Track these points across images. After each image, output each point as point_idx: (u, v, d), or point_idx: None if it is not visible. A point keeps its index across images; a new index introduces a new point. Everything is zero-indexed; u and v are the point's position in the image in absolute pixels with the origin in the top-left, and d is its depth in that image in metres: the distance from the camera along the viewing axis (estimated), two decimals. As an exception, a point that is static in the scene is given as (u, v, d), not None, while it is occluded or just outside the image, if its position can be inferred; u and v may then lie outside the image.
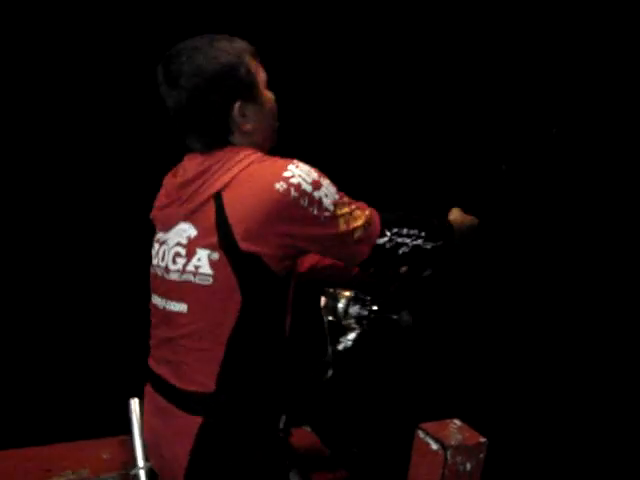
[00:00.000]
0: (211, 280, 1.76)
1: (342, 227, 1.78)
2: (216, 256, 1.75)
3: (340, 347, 2.05)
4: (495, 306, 3.69)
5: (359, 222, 1.81)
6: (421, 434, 1.80)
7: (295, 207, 1.71)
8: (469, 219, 2.18)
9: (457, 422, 1.84)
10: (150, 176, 3.37)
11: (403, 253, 1.89)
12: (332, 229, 1.78)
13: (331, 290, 2.10)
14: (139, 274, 3.31)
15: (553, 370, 3.60)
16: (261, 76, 1.90)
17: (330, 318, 2.09)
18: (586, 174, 3.64)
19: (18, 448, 2.50)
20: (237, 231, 1.71)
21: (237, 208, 1.72)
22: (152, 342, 1.98)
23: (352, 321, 2.09)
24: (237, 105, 1.83)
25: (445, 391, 3.34)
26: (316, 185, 1.74)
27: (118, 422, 2.52)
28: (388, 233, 1.87)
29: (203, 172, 1.79)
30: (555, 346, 3.65)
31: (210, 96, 1.80)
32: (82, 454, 2.49)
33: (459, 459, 1.76)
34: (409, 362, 3.34)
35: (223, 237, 1.73)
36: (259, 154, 1.82)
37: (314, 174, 1.75)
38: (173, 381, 1.86)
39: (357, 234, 1.81)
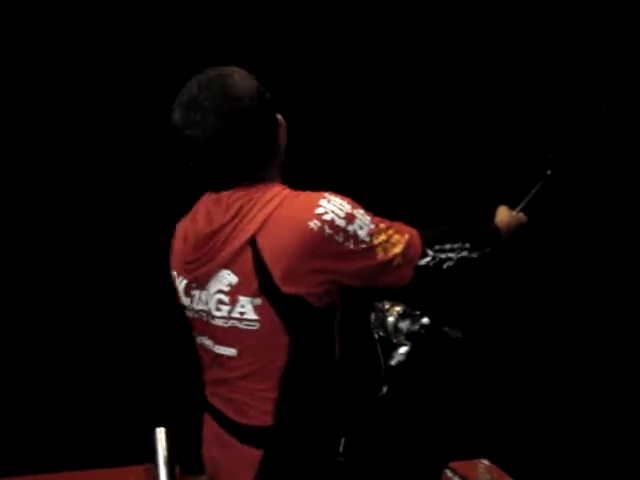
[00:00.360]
0: (257, 325, 1.76)
1: (380, 256, 1.75)
2: (259, 302, 1.74)
3: (393, 362, 2.01)
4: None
5: (398, 248, 1.77)
6: (449, 473, 1.78)
7: (331, 244, 1.69)
8: (517, 217, 2.16)
9: (485, 462, 1.82)
10: (151, 178, 3.41)
11: (448, 267, 1.88)
12: (370, 260, 1.75)
13: (380, 305, 2.07)
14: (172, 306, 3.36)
15: (586, 413, 3.54)
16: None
17: (380, 334, 2.06)
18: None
19: (43, 473, 2.49)
20: (276, 275, 1.70)
21: (273, 251, 1.69)
22: (207, 379, 1.98)
23: (402, 337, 2.06)
24: (281, 133, 1.83)
25: (473, 428, 3.29)
26: (349, 218, 1.70)
27: (143, 451, 2.52)
28: (430, 252, 1.84)
29: (234, 216, 1.72)
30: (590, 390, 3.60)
31: (259, 116, 1.74)
32: (106, 483, 2.48)
33: (487, 500, 1.73)
34: (457, 380, 3.28)
35: (263, 282, 1.72)
36: (289, 190, 1.79)
37: (346, 207, 1.72)
38: (232, 415, 1.87)
39: (396, 261, 1.78)
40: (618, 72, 3.39)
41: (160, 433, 2.50)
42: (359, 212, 1.74)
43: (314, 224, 1.68)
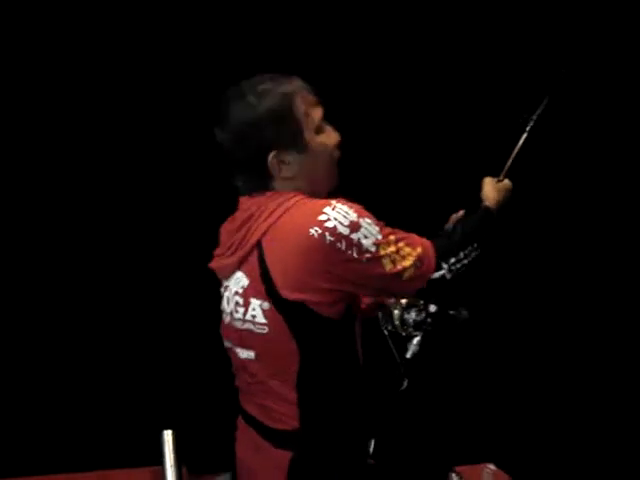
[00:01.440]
0: (266, 329, 1.75)
1: (388, 267, 1.70)
2: (267, 306, 1.73)
3: (408, 355, 2.00)
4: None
5: (408, 261, 1.72)
6: (455, 478, 1.78)
7: (332, 251, 1.65)
8: (503, 187, 2.09)
9: (491, 467, 1.82)
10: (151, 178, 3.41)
11: (462, 272, 1.83)
12: (376, 270, 1.69)
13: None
14: (179, 307, 3.35)
15: (593, 420, 3.53)
16: (311, 119, 1.82)
17: (390, 329, 2.06)
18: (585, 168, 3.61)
19: (49, 474, 2.50)
20: (277, 280, 1.69)
21: (275, 256, 1.69)
22: (238, 385, 1.95)
23: (411, 329, 2.05)
24: (272, 155, 1.76)
25: (479, 432, 3.28)
26: (354, 227, 1.66)
27: (150, 453, 2.53)
28: (445, 265, 1.80)
29: (248, 219, 1.75)
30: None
31: (246, 143, 1.76)
32: (113, 484, 2.49)
33: (493, 504, 1.73)
34: (463, 383, 3.27)
35: (268, 287, 1.72)
36: (300, 197, 1.76)
37: (352, 215, 1.68)
38: (263, 420, 1.85)
39: (407, 273, 1.72)
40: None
41: (167, 435, 2.52)
42: (366, 221, 1.70)
43: (315, 231, 1.65)
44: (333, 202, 1.70)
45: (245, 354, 1.82)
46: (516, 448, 3.11)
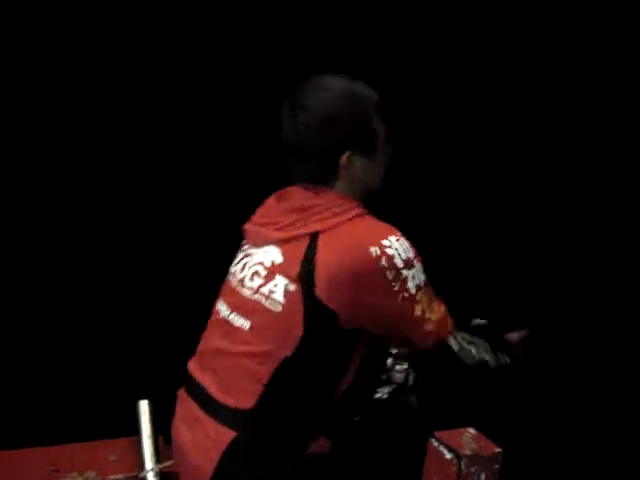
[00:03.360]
0: (280, 308, 1.76)
1: (417, 312, 1.77)
2: (292, 288, 1.74)
3: (375, 397, 2.01)
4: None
5: (434, 316, 1.81)
6: (435, 443, 1.78)
7: (379, 276, 1.70)
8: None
9: (472, 431, 1.82)
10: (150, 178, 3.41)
11: (469, 365, 1.90)
12: (407, 310, 1.76)
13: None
14: (157, 274, 3.34)
15: (571, 378, 3.55)
16: (381, 131, 1.87)
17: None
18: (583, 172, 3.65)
19: (25, 448, 2.46)
20: (318, 274, 1.71)
21: (328, 254, 1.71)
22: (201, 347, 1.96)
23: (397, 376, 2.05)
24: (346, 155, 1.80)
25: (459, 399, 3.29)
26: (408, 264, 1.73)
27: (126, 423, 2.50)
28: (457, 337, 1.89)
29: (308, 208, 1.78)
30: (573, 352, 3.60)
31: (327, 135, 1.79)
32: (89, 455, 2.44)
33: (473, 469, 1.75)
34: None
35: (304, 273, 1.72)
36: (363, 209, 1.82)
37: (411, 253, 1.74)
38: (213, 391, 1.85)
39: (429, 326, 1.81)
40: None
41: (143, 405, 2.50)
42: (418, 265, 1.76)
43: (374, 250, 1.69)
44: (398, 233, 1.76)
45: (240, 322, 1.82)
46: (497, 413, 3.11)
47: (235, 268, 1.90)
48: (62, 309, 3.22)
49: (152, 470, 2.37)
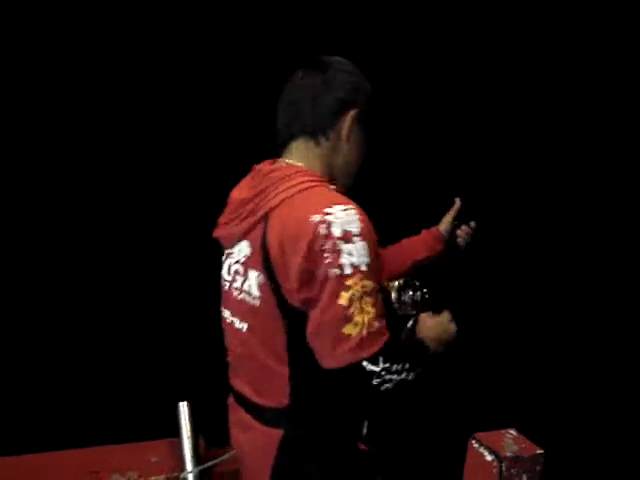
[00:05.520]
0: (259, 302, 1.73)
1: (342, 301, 1.56)
2: (262, 279, 1.70)
3: (403, 336, 1.94)
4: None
5: (363, 317, 1.57)
6: (475, 444, 1.76)
7: (313, 244, 1.57)
8: (444, 329, 1.85)
9: (513, 432, 1.80)
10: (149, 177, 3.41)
11: (386, 389, 1.63)
12: (330, 292, 1.57)
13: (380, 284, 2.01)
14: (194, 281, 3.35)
15: (612, 380, 3.51)
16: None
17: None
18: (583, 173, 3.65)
19: (67, 449, 2.49)
20: (272, 256, 1.66)
21: (275, 231, 1.65)
22: (229, 357, 1.97)
23: (409, 308, 2.01)
24: (354, 111, 1.77)
25: (501, 399, 3.27)
26: (346, 237, 1.56)
27: (167, 424, 2.52)
28: (380, 365, 1.60)
29: (261, 191, 1.72)
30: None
31: (339, 86, 1.75)
32: (130, 456, 2.47)
33: (514, 471, 1.72)
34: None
35: (265, 259, 1.66)
36: (323, 185, 1.71)
37: (354, 228, 1.58)
38: (250, 396, 1.86)
39: (350, 328, 1.57)
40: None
41: (183, 407, 2.52)
42: (361, 243, 1.58)
43: (314, 218, 1.58)
44: (351, 205, 1.63)
45: (240, 324, 1.81)
46: (538, 414, 3.09)
47: (223, 272, 1.88)
48: (104, 314, 3.26)
49: (192, 472, 2.39)
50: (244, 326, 1.80)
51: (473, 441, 1.78)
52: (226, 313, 1.89)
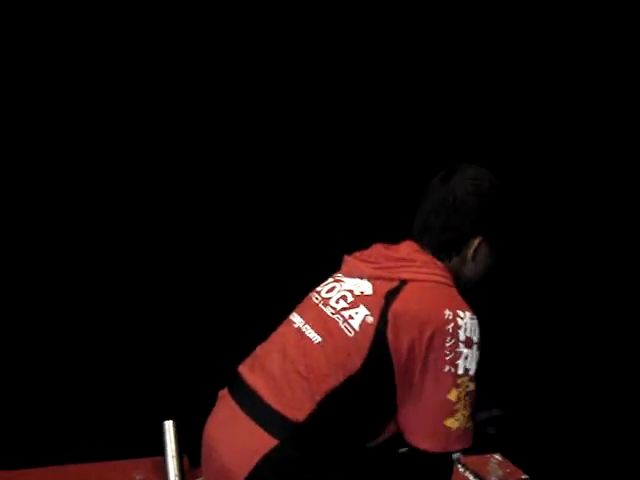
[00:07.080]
0: (352, 334, 1.81)
1: (451, 397, 1.75)
2: (370, 320, 1.80)
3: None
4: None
5: (464, 414, 1.77)
6: (461, 469, 1.77)
7: (441, 338, 1.74)
8: None
9: (498, 457, 1.80)
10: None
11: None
12: (442, 385, 1.75)
13: None
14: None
15: (600, 410, 3.52)
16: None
17: None
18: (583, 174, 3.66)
19: (49, 466, 2.48)
20: (392, 318, 1.77)
21: (407, 300, 1.78)
22: (260, 349, 1.98)
23: None
24: (480, 238, 1.91)
25: (485, 423, 3.26)
26: (468, 344, 1.75)
27: (151, 443, 2.51)
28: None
29: (409, 261, 1.87)
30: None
31: (468, 215, 1.89)
32: (114, 475, 2.44)
33: (500, 496, 1.70)
34: None
35: (384, 310, 1.78)
36: (450, 282, 1.87)
37: (476, 337, 1.78)
38: (265, 394, 1.84)
39: (451, 423, 1.76)
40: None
41: (169, 426, 2.50)
42: (476, 352, 1.78)
43: (447, 314, 1.74)
44: (474, 315, 1.79)
45: (312, 334, 1.87)
46: (523, 439, 3.09)
47: (322, 289, 1.97)
48: (90, 328, 3.23)
49: (177, 491, 2.37)
50: (317, 339, 1.86)
51: (459, 465, 1.80)
52: (297, 318, 1.95)
